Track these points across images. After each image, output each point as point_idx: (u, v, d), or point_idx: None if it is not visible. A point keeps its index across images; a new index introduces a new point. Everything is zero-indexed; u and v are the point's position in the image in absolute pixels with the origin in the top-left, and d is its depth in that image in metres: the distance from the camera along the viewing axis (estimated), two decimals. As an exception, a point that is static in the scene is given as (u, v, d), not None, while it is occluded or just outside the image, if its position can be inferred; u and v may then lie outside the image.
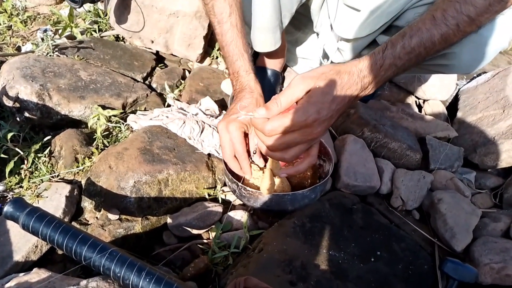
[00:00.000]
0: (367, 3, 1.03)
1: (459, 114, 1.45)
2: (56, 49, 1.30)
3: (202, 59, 1.51)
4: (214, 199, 1.02)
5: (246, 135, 0.87)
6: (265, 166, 1.03)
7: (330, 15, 1.14)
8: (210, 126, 1.10)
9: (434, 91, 1.51)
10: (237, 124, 0.84)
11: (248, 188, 0.88)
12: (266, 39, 1.06)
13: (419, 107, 1.55)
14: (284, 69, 1.46)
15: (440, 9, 0.69)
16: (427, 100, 1.54)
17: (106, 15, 1.57)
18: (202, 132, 1.08)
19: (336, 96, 0.68)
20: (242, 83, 0.91)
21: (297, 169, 0.81)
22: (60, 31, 1.43)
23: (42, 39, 1.35)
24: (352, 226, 0.98)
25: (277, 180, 0.97)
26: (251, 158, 0.89)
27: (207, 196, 1.02)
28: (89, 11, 1.58)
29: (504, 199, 1.18)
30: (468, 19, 0.69)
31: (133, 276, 0.61)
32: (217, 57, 1.56)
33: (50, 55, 1.27)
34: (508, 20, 0.86)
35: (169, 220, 0.93)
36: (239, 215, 0.97)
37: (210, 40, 1.53)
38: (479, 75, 1.62)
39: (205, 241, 0.93)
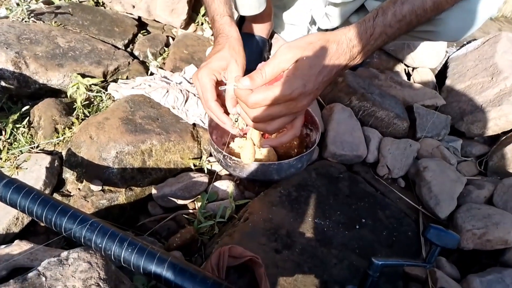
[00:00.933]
0: None
1: (448, 82, 1.44)
2: (32, 15, 1.23)
3: (186, 25, 1.46)
4: (200, 170, 1.01)
5: (218, 83, 0.82)
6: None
7: (317, -22, 1.10)
8: (194, 95, 1.07)
9: (424, 59, 1.49)
10: (206, 71, 0.79)
11: (233, 158, 0.87)
12: (250, 1, 1.01)
13: (408, 75, 1.53)
14: (271, 35, 1.42)
15: None
16: (416, 68, 1.52)
17: (84, -21, 1.50)
18: (186, 101, 1.05)
19: (323, 68, 0.65)
20: (218, 29, 0.85)
21: (279, 141, 0.79)
22: (36, -5, 1.36)
23: (17, 3, 1.28)
24: (338, 195, 0.98)
25: (264, 150, 0.96)
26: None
27: (192, 167, 1.00)
28: (66, -26, 1.50)
29: (489, 166, 1.19)
30: None
31: (115, 246, 0.60)
32: (202, 23, 1.50)
33: (25, 21, 1.21)
34: None
35: (154, 191, 0.92)
36: (225, 185, 0.96)
37: (195, 5, 1.47)
38: (469, 42, 1.60)
39: (190, 211, 0.92)
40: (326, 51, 0.65)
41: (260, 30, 1.30)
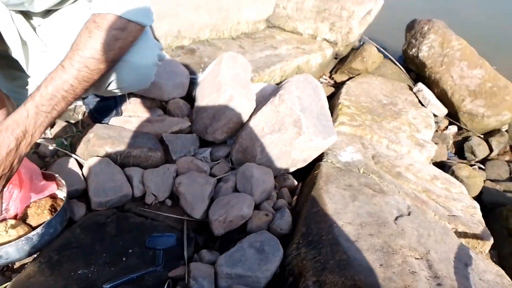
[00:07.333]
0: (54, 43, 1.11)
1: (195, 104, 1.70)
2: None
3: None
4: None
5: None
6: (6, 220, 1.04)
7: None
8: None
9: (171, 91, 1.72)
10: None
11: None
12: None
13: (164, 109, 1.74)
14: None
15: (68, 58, 0.84)
16: (168, 100, 1.74)
17: None
18: None
19: None
20: None
21: None
22: None
23: None
24: (104, 239, 1.08)
25: (13, 231, 0.99)
26: None
27: None
28: None
29: (233, 161, 1.47)
30: (94, 59, 0.85)
31: None
32: None
33: None
34: (149, 40, 1.07)
35: None
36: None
37: None
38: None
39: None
40: None
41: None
